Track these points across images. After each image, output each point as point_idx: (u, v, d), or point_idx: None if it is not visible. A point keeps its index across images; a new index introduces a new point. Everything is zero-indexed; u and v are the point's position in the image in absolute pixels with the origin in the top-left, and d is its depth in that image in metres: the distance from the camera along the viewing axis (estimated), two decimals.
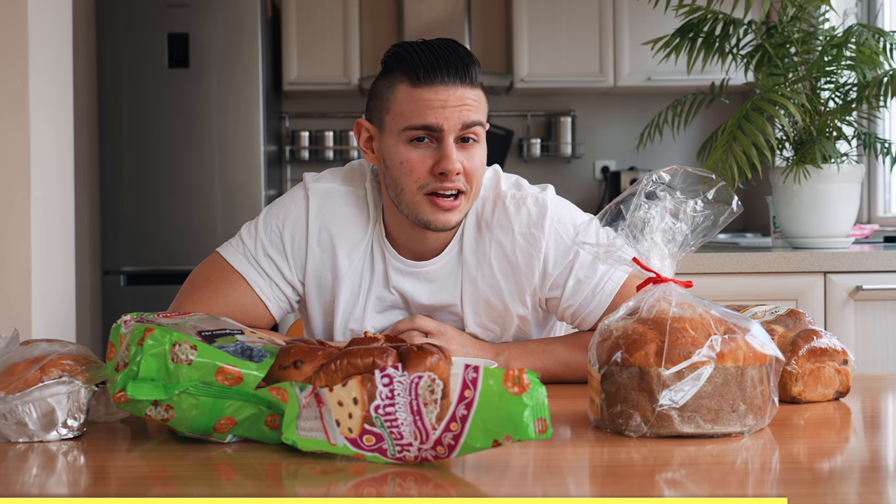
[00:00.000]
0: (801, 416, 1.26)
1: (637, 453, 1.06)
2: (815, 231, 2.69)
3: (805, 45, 2.69)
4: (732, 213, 1.17)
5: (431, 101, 1.45)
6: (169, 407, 1.07)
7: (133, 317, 1.13)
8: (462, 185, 1.48)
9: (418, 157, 1.46)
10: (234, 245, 1.58)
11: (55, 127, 2.63)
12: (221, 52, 4.29)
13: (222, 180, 4.30)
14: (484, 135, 1.51)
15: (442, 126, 1.45)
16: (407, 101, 1.46)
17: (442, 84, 1.45)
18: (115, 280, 4.30)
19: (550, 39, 4.68)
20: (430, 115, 1.45)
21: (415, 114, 1.45)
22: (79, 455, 1.09)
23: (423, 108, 1.45)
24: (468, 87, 1.46)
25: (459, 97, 1.45)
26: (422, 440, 0.98)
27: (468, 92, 1.46)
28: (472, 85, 1.47)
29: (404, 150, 1.47)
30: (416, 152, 1.47)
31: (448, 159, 1.45)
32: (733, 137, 2.52)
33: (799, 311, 1.41)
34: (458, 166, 1.46)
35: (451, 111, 1.45)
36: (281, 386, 1.05)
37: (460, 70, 1.46)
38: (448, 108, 1.45)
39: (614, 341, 1.14)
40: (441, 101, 1.45)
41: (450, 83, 1.45)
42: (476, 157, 1.48)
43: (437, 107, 1.45)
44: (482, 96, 1.50)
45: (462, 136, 1.47)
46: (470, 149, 1.48)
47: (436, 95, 1.45)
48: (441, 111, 1.45)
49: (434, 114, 1.45)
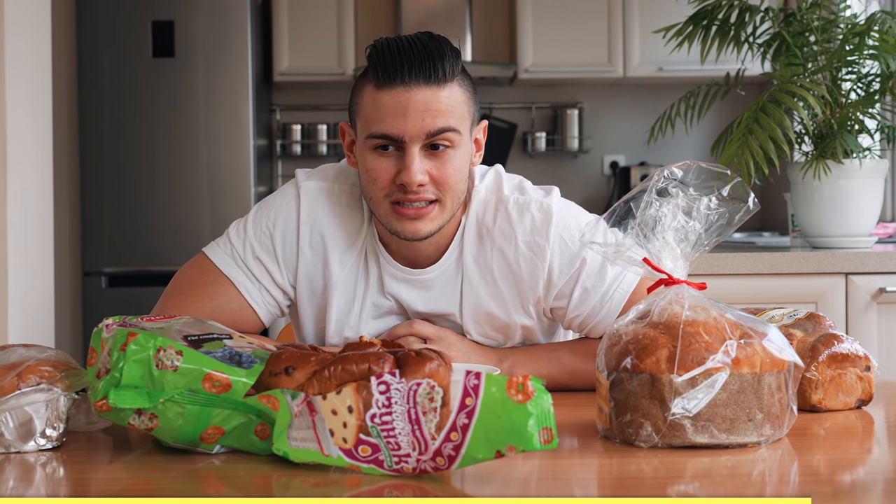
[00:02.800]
0: (822, 426, 1.26)
1: (648, 465, 1.06)
2: (835, 230, 2.69)
3: (825, 33, 2.69)
4: (748, 210, 1.17)
5: (391, 107, 1.41)
6: (153, 416, 1.07)
7: (115, 320, 1.13)
8: (432, 194, 1.44)
9: (382, 165, 1.44)
10: (221, 246, 1.57)
11: (33, 119, 2.63)
12: (208, 40, 4.29)
13: (209, 176, 4.30)
14: (462, 139, 1.45)
15: (402, 135, 1.41)
16: (371, 106, 1.43)
17: (403, 86, 1.40)
18: (96, 282, 4.30)
19: (556, 27, 4.68)
20: (391, 123, 1.41)
21: (376, 121, 1.42)
22: (58, 467, 1.09)
23: (385, 115, 1.41)
24: (435, 87, 1.41)
25: (423, 101, 1.40)
26: (420, 451, 0.99)
27: (436, 93, 1.41)
28: (440, 83, 1.41)
29: (370, 159, 1.45)
30: (380, 161, 1.44)
31: (407, 171, 1.41)
32: (749, 131, 2.52)
33: (819, 315, 1.41)
34: (421, 177, 1.42)
35: (413, 117, 1.40)
36: (271, 393, 1.05)
37: (425, 68, 1.40)
38: (410, 114, 1.40)
39: (624, 346, 1.14)
40: (401, 106, 1.40)
41: (412, 84, 1.40)
42: (448, 165, 1.44)
43: (397, 114, 1.41)
44: (460, 94, 1.45)
45: (431, 144, 1.43)
46: (441, 156, 1.44)
47: (396, 100, 1.41)
48: (402, 119, 1.40)
49: (395, 122, 1.41)
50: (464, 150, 1.47)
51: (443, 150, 1.44)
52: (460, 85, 1.46)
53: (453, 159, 1.45)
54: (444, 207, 1.47)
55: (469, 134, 1.49)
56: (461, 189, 1.48)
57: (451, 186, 1.46)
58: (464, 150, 1.47)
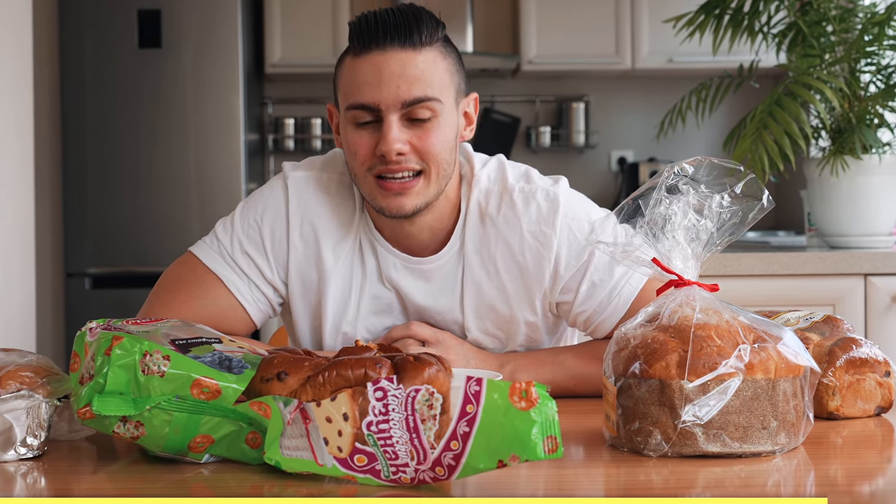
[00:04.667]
0: (839, 434, 1.26)
1: (657, 475, 1.07)
2: (854, 229, 2.69)
3: (843, 22, 2.69)
4: (763, 208, 1.17)
5: (366, 73, 1.42)
6: (139, 423, 1.07)
7: (99, 324, 1.13)
8: (415, 163, 1.45)
9: (361, 138, 1.45)
10: (208, 243, 1.58)
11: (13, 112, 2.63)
12: (197, 30, 4.29)
13: (197, 173, 4.30)
14: (444, 108, 1.45)
15: (378, 103, 1.42)
16: (349, 76, 1.45)
17: (379, 50, 1.41)
18: (79, 283, 4.30)
19: (561, 16, 4.68)
20: (366, 92, 1.42)
21: (353, 91, 1.44)
22: (39, 477, 1.09)
23: (361, 82, 1.42)
24: (410, 50, 1.42)
25: (399, 63, 1.41)
26: (419, 460, 0.99)
27: (412, 57, 1.42)
28: (416, 47, 1.42)
29: (351, 133, 1.46)
30: (361, 133, 1.45)
31: (385, 140, 1.42)
32: (764, 125, 2.52)
33: (836, 318, 1.41)
34: (400, 146, 1.42)
35: (388, 84, 1.41)
36: (263, 400, 1.05)
37: (401, 31, 1.41)
38: (384, 81, 1.41)
39: (632, 351, 1.14)
40: (376, 72, 1.41)
41: (387, 48, 1.41)
42: (431, 133, 1.44)
43: (372, 81, 1.42)
44: (440, 61, 1.45)
45: (410, 114, 1.43)
46: (422, 125, 1.44)
47: (371, 66, 1.42)
48: (377, 86, 1.41)
49: (370, 90, 1.42)
50: (447, 121, 1.47)
51: (425, 120, 1.44)
52: (441, 52, 1.46)
53: (435, 128, 1.45)
54: (430, 180, 1.47)
55: (455, 105, 1.49)
56: (447, 160, 1.48)
57: (435, 155, 1.46)
58: (447, 120, 1.47)
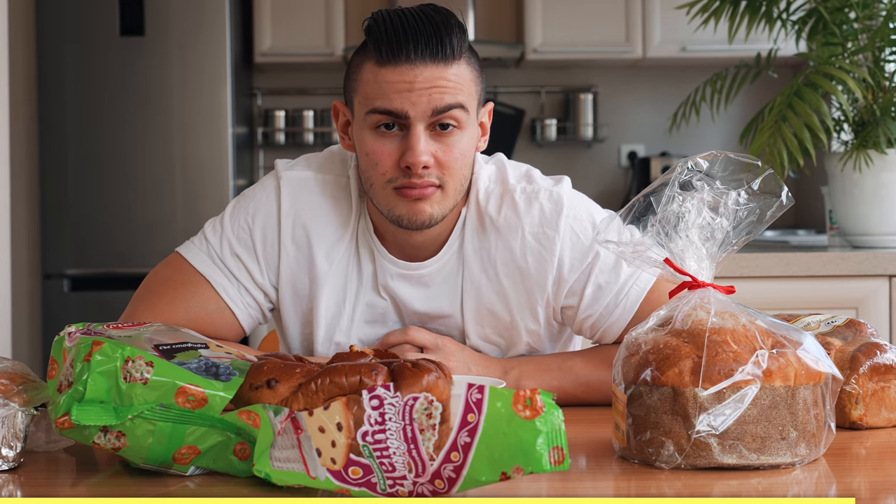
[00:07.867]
0: (863, 445, 1.26)
1: (670, 488, 1.07)
2: (878, 227, 2.69)
3: (867, 9, 2.69)
4: (781, 206, 1.17)
5: (395, 83, 1.44)
6: (121, 434, 1.07)
7: (78, 328, 1.13)
8: (435, 178, 1.47)
9: (384, 148, 1.46)
10: (196, 244, 1.58)
11: None
12: (182, 17, 4.29)
13: (183, 168, 4.30)
14: (469, 119, 1.49)
15: (407, 112, 1.44)
16: (372, 82, 1.46)
17: (408, 63, 1.44)
18: (58, 285, 4.30)
19: (568, 2, 4.68)
20: (396, 100, 1.44)
21: (378, 97, 1.45)
22: (15, 490, 1.09)
23: (388, 90, 1.44)
24: (442, 65, 1.45)
25: (430, 78, 1.44)
26: (417, 472, 0.99)
27: (443, 70, 1.45)
28: (447, 61, 1.45)
29: (370, 140, 1.47)
30: (383, 142, 1.47)
31: (412, 151, 1.44)
32: (783, 118, 2.52)
33: (860, 322, 1.41)
34: (426, 158, 1.45)
35: (419, 94, 1.44)
36: (252, 409, 1.05)
37: (432, 45, 1.44)
38: (416, 91, 1.44)
39: (643, 357, 1.14)
40: (407, 83, 1.44)
41: (418, 62, 1.44)
42: (455, 148, 1.47)
43: (402, 90, 1.44)
44: (468, 72, 1.48)
45: (438, 123, 1.46)
46: (447, 137, 1.47)
47: (401, 77, 1.44)
48: (407, 95, 1.44)
49: (399, 98, 1.44)
50: (470, 133, 1.50)
51: (450, 130, 1.46)
52: (468, 63, 1.49)
53: (460, 142, 1.48)
54: (447, 194, 1.49)
55: (476, 115, 1.51)
56: (465, 175, 1.51)
57: (456, 171, 1.48)
58: (470, 132, 1.50)
